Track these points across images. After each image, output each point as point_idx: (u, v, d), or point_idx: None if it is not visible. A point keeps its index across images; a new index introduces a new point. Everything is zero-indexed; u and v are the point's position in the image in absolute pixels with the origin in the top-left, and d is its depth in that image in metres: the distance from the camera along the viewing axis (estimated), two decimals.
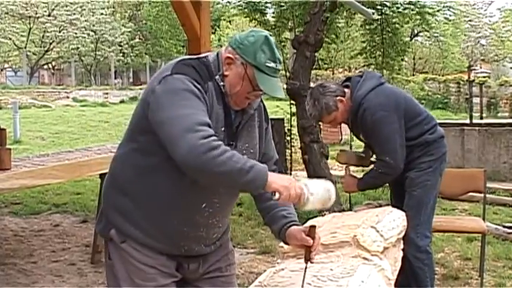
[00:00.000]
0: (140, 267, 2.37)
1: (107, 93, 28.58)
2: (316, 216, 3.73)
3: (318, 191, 2.23)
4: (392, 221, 3.39)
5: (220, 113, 2.31)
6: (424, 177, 4.18)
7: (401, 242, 3.66)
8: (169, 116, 2.14)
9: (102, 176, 5.54)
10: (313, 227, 2.39)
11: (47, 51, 36.54)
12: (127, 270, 2.38)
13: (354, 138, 4.52)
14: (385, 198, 7.38)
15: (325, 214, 4.23)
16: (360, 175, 4.36)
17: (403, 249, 4.20)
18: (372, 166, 4.31)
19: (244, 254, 6.07)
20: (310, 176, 7.67)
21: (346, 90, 4.17)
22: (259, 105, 2.53)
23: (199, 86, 2.21)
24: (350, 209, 4.21)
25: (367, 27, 10.68)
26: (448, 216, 6.65)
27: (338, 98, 4.11)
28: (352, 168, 4.44)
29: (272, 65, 2.29)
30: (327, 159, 7.83)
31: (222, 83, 2.31)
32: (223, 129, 2.31)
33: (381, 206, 4.00)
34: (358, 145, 5.00)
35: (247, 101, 2.38)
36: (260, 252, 6.11)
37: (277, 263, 2.94)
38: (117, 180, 2.42)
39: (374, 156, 4.33)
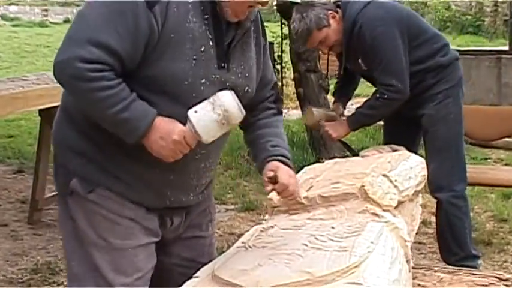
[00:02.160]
0: (116, 220, 2.37)
1: (46, 10, 28.20)
2: (313, 163, 3.75)
3: (205, 116, 2.23)
4: (409, 169, 3.41)
5: (198, 27, 2.26)
6: (445, 110, 4.33)
7: (420, 196, 3.70)
8: (80, 12, 2.22)
9: (42, 112, 5.50)
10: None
11: None
12: (97, 228, 2.37)
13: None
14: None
15: (323, 160, 4.25)
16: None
17: (436, 198, 4.33)
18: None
19: (222, 211, 6.15)
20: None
21: (338, 9, 4.28)
22: (256, 16, 2.51)
23: (143, 1, 2.16)
24: (355, 155, 4.23)
25: None
26: (479, 166, 6.69)
27: (330, 12, 4.19)
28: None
29: None
30: (327, 93, 7.82)
31: None
32: (203, 48, 2.27)
33: (395, 150, 4.01)
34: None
35: (249, 10, 2.36)
36: (242, 208, 6.19)
37: (265, 219, 2.97)
38: (73, 119, 2.40)
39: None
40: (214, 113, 2.22)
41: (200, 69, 2.27)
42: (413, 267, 3.00)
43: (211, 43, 2.29)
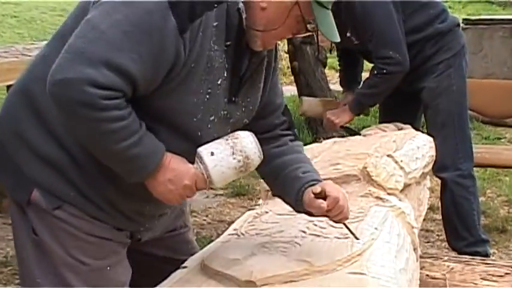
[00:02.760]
0: (88, 239, 2.24)
1: None
2: (310, 143, 3.75)
3: (223, 161, 2.12)
4: (416, 149, 3.43)
5: (218, 56, 2.14)
6: (447, 81, 4.33)
7: (428, 179, 3.72)
8: (94, 23, 2.00)
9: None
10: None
11: None
12: (67, 248, 2.23)
13: None
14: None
15: (321, 140, 4.26)
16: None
17: (440, 178, 4.35)
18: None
19: (211, 197, 6.15)
20: (301, 90, 7.68)
21: None
22: None
23: (174, 24, 2.00)
24: (356, 134, 4.23)
25: None
26: (492, 146, 6.69)
27: None
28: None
29: None
30: (325, 67, 7.81)
31: (244, 15, 2.17)
32: (219, 81, 2.17)
33: (400, 129, 4.03)
34: None
35: (280, 40, 2.33)
36: (233, 194, 6.19)
37: (258, 205, 2.97)
38: (42, 115, 2.19)
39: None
40: (234, 158, 2.12)
41: (212, 105, 2.17)
42: (420, 256, 3.02)
43: (225, 74, 2.18)
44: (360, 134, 4.09)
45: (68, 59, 1.96)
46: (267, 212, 2.73)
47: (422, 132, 4.08)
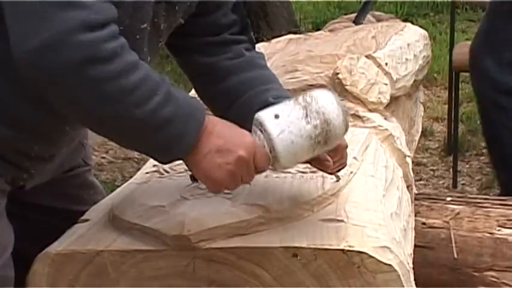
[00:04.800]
0: None
1: None
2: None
3: (292, 127, 1.98)
4: (406, 47, 3.44)
5: None
6: None
7: (421, 90, 3.74)
8: None
9: None
10: None
11: None
12: None
13: None
14: (387, 11, 7.46)
15: (265, 40, 4.23)
16: None
17: (477, 99, 4.30)
18: None
19: None
20: None
21: None
22: None
23: None
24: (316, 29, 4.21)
25: None
26: None
27: None
28: None
29: None
30: None
31: None
32: None
33: (379, 20, 4.03)
34: None
35: None
36: None
37: None
38: None
39: None
40: (308, 122, 1.99)
41: (142, 8, 2.09)
42: (414, 198, 3.02)
43: None
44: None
45: (32, 14, 1.81)
46: None
47: None
